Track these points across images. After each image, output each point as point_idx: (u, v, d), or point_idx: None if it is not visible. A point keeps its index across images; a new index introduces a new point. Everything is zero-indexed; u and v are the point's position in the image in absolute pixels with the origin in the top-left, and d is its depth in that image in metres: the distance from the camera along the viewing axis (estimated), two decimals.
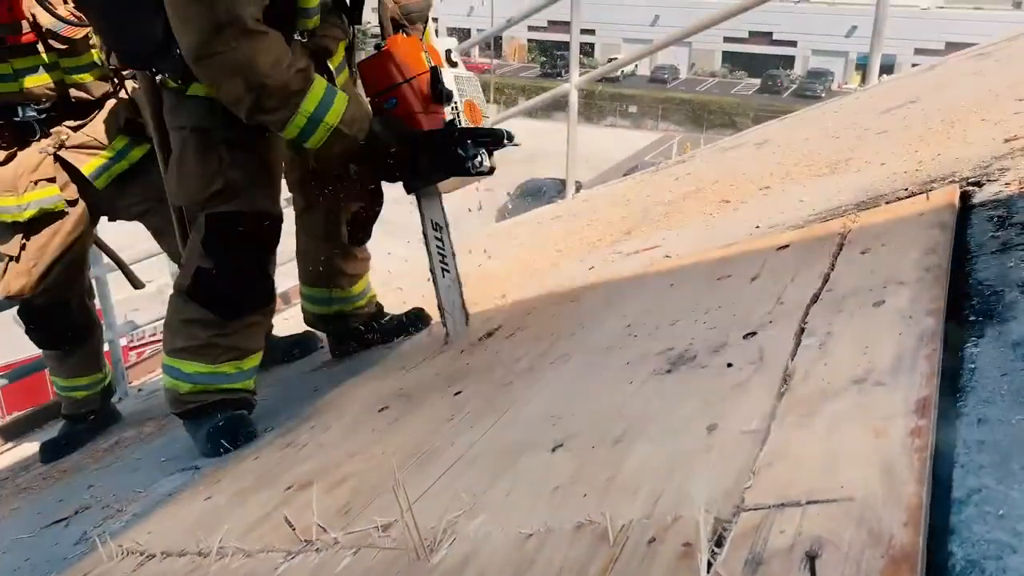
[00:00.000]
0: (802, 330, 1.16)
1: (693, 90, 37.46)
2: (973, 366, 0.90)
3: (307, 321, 2.65)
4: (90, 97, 2.47)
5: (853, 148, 2.55)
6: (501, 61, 40.75)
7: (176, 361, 2.02)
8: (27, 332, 2.68)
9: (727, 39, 37.62)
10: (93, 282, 2.95)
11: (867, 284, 1.23)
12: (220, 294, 1.95)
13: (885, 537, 0.66)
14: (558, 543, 0.87)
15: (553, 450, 1.11)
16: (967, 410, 0.83)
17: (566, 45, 4.66)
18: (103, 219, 2.72)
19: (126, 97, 2.53)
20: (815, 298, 1.26)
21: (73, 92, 2.42)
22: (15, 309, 2.71)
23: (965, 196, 1.57)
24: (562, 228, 3.43)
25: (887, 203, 1.74)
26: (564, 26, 5.72)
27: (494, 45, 39.13)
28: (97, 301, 3.01)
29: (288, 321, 3.41)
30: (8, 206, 2.35)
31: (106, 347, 3.45)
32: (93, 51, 2.41)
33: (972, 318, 1.02)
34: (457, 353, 1.94)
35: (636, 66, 42.72)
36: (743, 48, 38.89)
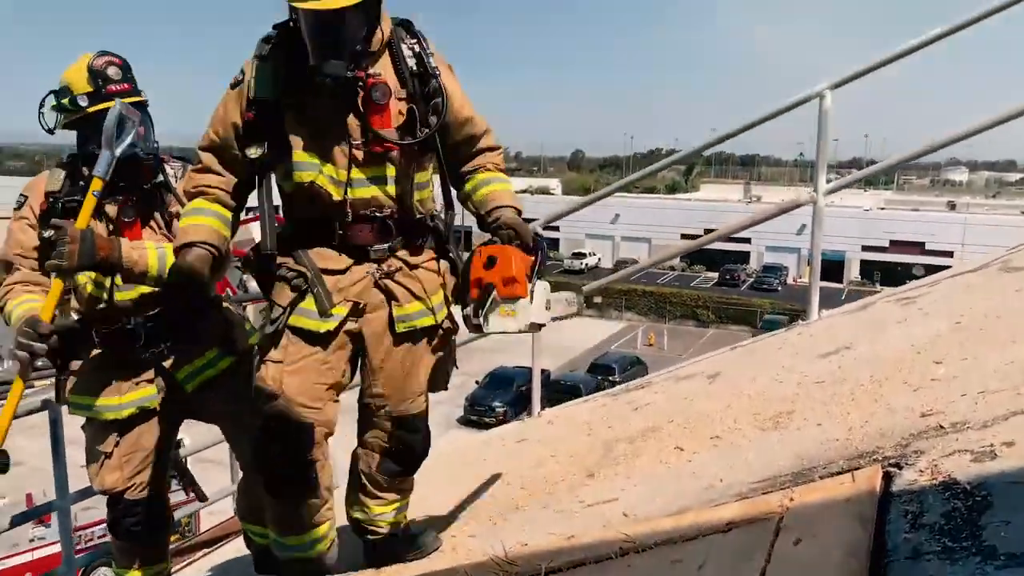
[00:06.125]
0: None
1: (654, 282, 39.02)
2: None
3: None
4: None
5: (793, 399, 2.77)
6: None
7: None
8: (109, 522, 2.84)
9: (684, 236, 39.74)
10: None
11: None
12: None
13: None
14: None
15: None
16: None
17: None
18: None
19: (222, 316, 2.87)
20: None
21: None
22: None
23: (887, 478, 1.74)
24: (528, 457, 3.54)
25: (820, 477, 1.92)
26: None
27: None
28: None
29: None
30: (111, 404, 2.65)
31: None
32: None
33: None
34: None
35: (599, 258, 44.75)
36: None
